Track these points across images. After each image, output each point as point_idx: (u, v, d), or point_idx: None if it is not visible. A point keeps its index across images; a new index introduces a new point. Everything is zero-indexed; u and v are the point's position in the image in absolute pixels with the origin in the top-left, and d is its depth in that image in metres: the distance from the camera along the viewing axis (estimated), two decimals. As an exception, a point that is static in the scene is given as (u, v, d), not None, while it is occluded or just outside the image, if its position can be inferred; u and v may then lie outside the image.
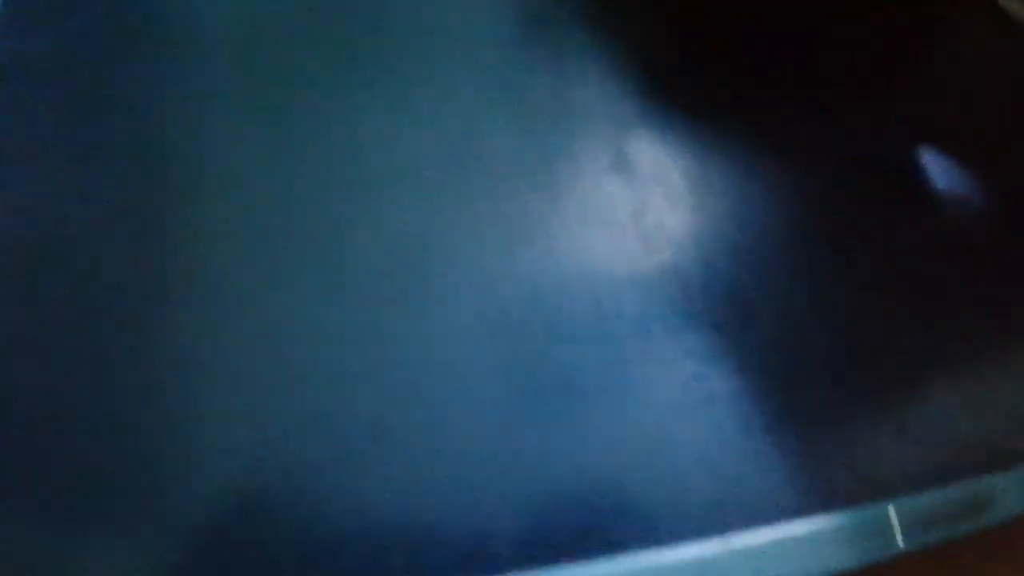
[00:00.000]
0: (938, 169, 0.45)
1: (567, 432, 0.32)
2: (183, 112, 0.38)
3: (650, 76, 0.42)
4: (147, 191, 0.36)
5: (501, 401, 0.32)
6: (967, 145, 0.46)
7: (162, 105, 0.38)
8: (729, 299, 0.37)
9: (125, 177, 0.36)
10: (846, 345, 0.37)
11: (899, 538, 0.32)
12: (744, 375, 0.35)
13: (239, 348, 0.33)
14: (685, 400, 0.34)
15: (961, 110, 0.48)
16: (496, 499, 0.30)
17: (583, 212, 0.37)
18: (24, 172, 0.35)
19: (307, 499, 0.30)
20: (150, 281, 0.34)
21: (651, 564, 0.29)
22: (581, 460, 0.31)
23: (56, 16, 0.39)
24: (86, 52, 0.39)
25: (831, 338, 0.37)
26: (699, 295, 0.36)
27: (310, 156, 0.38)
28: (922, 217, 0.42)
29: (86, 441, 0.30)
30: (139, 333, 0.32)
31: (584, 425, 0.32)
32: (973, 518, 0.34)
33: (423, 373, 0.32)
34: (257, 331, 0.33)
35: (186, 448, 0.30)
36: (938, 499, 0.34)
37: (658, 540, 0.30)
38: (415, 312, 0.34)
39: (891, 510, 0.33)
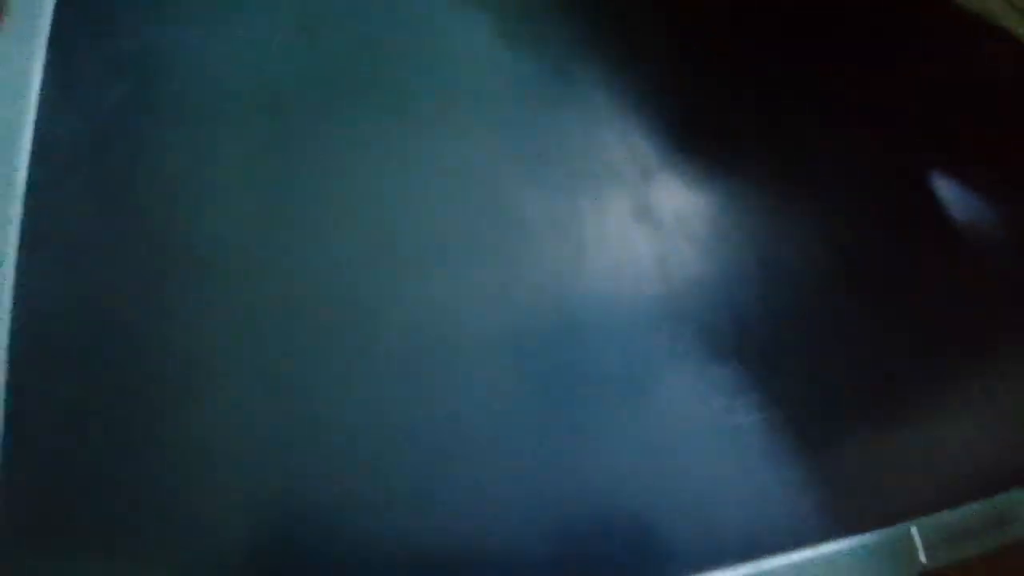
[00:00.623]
0: (959, 206, 0.46)
1: (599, 466, 0.35)
2: (208, 186, 0.40)
3: (669, 128, 0.44)
4: (174, 270, 0.38)
5: (538, 457, 0.35)
6: (988, 179, 0.48)
7: (191, 183, 0.40)
8: (753, 336, 0.39)
9: (152, 251, 0.38)
10: (866, 374, 0.39)
11: (922, 556, 0.34)
12: (769, 407, 0.37)
13: (267, 408, 0.35)
14: (713, 433, 0.36)
15: (987, 145, 0.49)
16: (526, 528, 0.33)
17: (610, 263, 0.40)
18: (58, 246, 0.38)
19: (339, 531, 0.33)
20: (178, 349, 0.36)
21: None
22: (614, 493, 0.34)
23: (90, 95, 0.43)
24: (118, 128, 0.42)
25: (852, 369, 0.39)
26: (724, 334, 0.39)
27: (335, 223, 0.40)
28: (935, 250, 0.44)
29: (121, 478, 0.33)
30: (169, 420, 0.35)
31: (616, 459, 0.35)
32: (994, 534, 0.36)
33: (459, 443, 0.36)
34: (287, 388, 0.36)
35: (222, 492, 0.33)
36: (959, 517, 0.35)
37: (690, 567, 0.32)
38: (447, 382, 0.37)
39: (914, 530, 0.34)
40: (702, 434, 0.36)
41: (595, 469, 0.35)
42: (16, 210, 0.39)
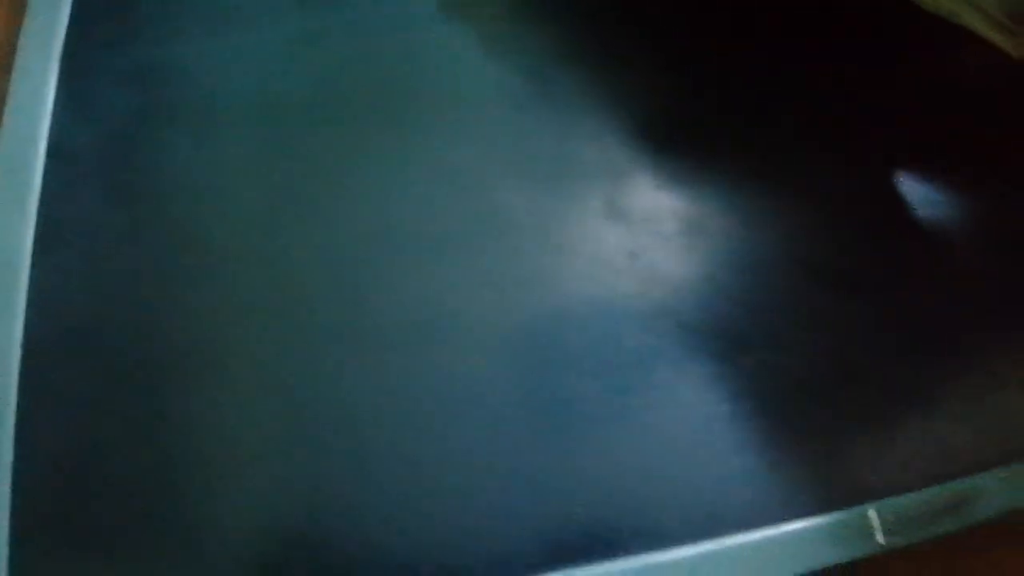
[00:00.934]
0: (928, 200, 0.47)
1: (576, 456, 0.37)
2: (213, 189, 0.43)
3: (640, 129, 0.46)
4: (181, 264, 0.41)
5: (515, 432, 0.37)
6: (961, 176, 0.49)
7: (197, 184, 0.43)
8: (722, 330, 0.41)
9: (160, 252, 0.41)
10: (832, 364, 0.40)
11: (880, 537, 0.36)
12: (737, 397, 0.39)
13: (272, 402, 0.37)
14: (682, 423, 0.38)
15: (960, 142, 0.48)
16: (512, 514, 0.35)
17: (583, 258, 0.42)
18: (70, 246, 0.41)
19: (339, 532, 0.34)
20: (186, 346, 0.38)
21: (650, 563, 0.34)
22: (589, 479, 0.36)
23: (101, 105, 0.46)
24: (127, 135, 0.45)
25: (817, 359, 0.40)
26: (693, 327, 0.40)
27: (332, 222, 0.42)
28: (906, 247, 0.45)
29: (134, 490, 0.35)
30: (179, 398, 0.37)
31: (591, 449, 0.37)
32: (954, 518, 0.37)
33: (443, 412, 0.38)
34: (289, 383, 0.38)
35: (224, 497, 0.35)
36: (918, 500, 0.37)
37: (657, 544, 0.34)
38: (433, 358, 0.39)
39: (871, 511, 0.36)
40: (668, 421, 0.38)
41: (567, 457, 0.37)
42: (32, 212, 0.42)
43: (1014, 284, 0.43)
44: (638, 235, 0.43)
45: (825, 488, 0.37)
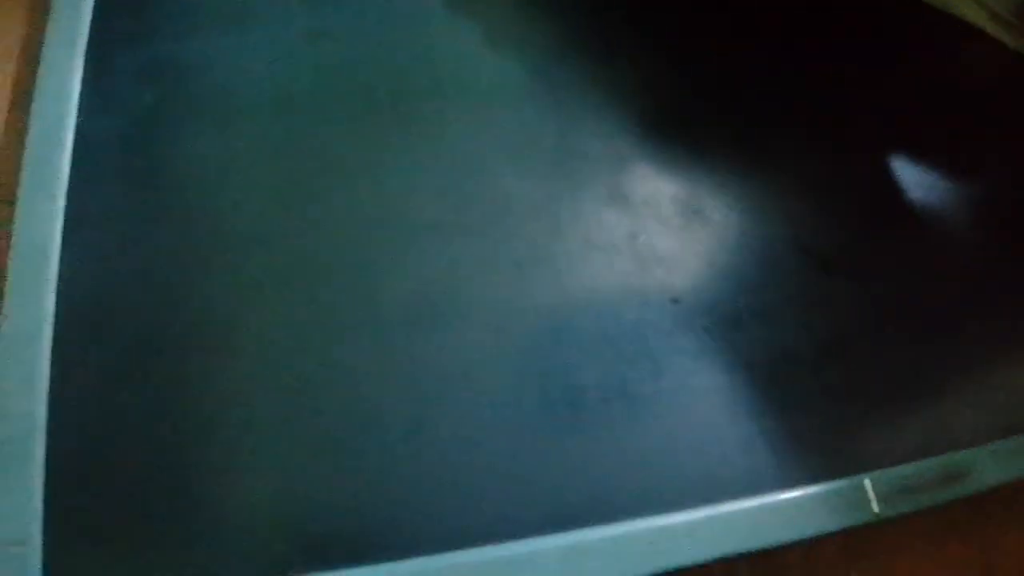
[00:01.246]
0: (916, 185, 0.48)
1: (579, 425, 0.38)
2: (231, 177, 0.44)
3: (641, 120, 0.48)
4: (200, 247, 0.42)
5: (521, 406, 0.39)
6: (946, 162, 0.49)
7: (213, 173, 0.44)
8: (716, 306, 0.42)
9: (181, 235, 0.43)
10: (825, 340, 0.41)
11: (875, 506, 0.37)
12: (731, 370, 0.40)
13: (286, 383, 0.39)
14: (679, 394, 0.39)
15: (948, 131, 0.49)
16: (523, 481, 0.36)
17: (584, 239, 0.43)
18: (97, 231, 0.42)
19: (352, 499, 0.36)
20: (203, 325, 0.40)
21: (650, 527, 0.35)
22: (593, 449, 0.38)
23: (124, 98, 0.47)
24: (149, 128, 0.47)
25: (811, 335, 0.41)
26: (688, 304, 0.42)
27: (344, 210, 0.44)
28: (899, 232, 0.45)
29: (151, 476, 0.36)
30: (197, 372, 0.38)
31: (593, 418, 0.38)
32: (948, 489, 0.38)
33: (451, 389, 0.39)
34: (301, 365, 0.39)
35: (242, 481, 0.36)
36: (913, 471, 0.38)
37: (660, 509, 0.36)
38: (442, 338, 0.40)
39: (867, 482, 0.37)
40: (668, 393, 0.39)
41: (571, 426, 0.38)
42: (61, 200, 0.44)
43: (1007, 269, 0.44)
44: (637, 217, 0.44)
45: (821, 458, 0.38)
